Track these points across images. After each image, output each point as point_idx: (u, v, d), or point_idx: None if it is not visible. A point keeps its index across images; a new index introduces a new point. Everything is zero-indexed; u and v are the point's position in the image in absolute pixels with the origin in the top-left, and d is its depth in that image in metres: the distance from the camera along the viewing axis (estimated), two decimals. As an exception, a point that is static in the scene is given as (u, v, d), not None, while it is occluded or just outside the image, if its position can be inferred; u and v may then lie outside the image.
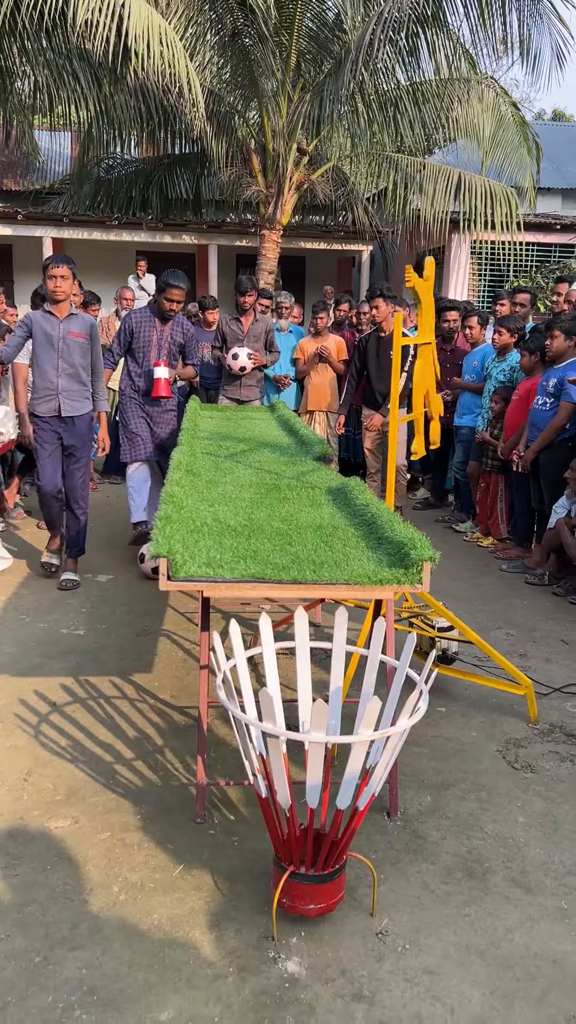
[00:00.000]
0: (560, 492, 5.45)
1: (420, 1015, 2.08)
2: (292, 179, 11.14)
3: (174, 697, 3.77)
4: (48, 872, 2.57)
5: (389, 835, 2.81)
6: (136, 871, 2.58)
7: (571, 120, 27.86)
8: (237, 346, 6.81)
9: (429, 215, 11.08)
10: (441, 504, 7.71)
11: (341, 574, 2.59)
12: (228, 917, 2.40)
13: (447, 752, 3.37)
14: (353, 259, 15.22)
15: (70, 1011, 2.06)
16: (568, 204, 14.49)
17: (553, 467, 5.48)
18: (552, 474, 5.52)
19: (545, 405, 5.57)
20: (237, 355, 6.73)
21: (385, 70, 10.32)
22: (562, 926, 2.41)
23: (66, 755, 3.24)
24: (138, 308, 6.10)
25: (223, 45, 10.73)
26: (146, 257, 12.44)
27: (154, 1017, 2.05)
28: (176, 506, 3.02)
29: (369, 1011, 2.09)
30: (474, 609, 5.00)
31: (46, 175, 14.61)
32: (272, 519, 3.20)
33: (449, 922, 2.41)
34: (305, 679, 2.63)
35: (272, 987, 2.16)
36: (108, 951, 2.26)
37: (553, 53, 9.71)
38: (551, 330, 5.55)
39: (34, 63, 9.96)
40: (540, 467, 5.62)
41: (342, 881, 2.39)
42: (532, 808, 2.99)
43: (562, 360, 5.51)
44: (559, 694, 3.91)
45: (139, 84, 10.41)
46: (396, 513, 3.12)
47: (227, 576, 2.53)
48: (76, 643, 4.34)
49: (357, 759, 2.17)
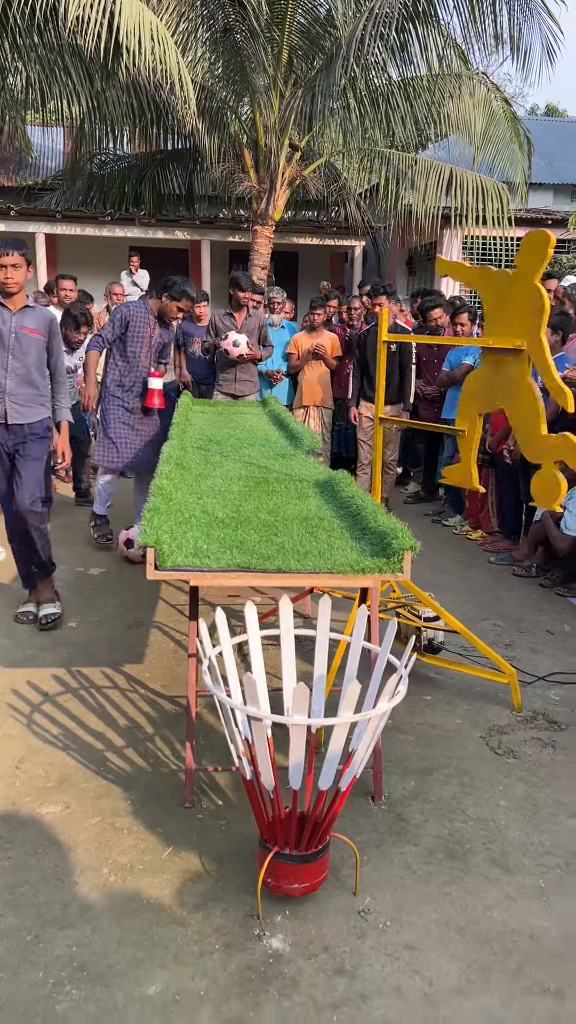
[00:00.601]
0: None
1: (399, 988, 2.15)
2: (284, 175, 11.19)
3: (164, 687, 3.83)
4: (39, 855, 2.63)
5: (373, 818, 2.88)
6: (125, 854, 2.65)
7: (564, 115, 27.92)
8: (235, 333, 6.88)
9: (421, 210, 11.14)
10: (431, 498, 7.78)
11: (325, 563, 2.65)
12: (215, 897, 2.47)
13: (432, 739, 3.44)
14: (346, 255, 15.27)
15: (60, 986, 2.13)
16: (560, 199, 14.57)
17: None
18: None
19: (533, 399, 5.63)
20: (238, 343, 6.80)
21: (376, 66, 10.37)
22: (539, 903, 2.48)
23: (58, 743, 3.30)
24: (133, 301, 6.04)
25: (215, 41, 10.77)
26: (139, 253, 12.47)
27: (142, 991, 2.12)
28: (165, 498, 3.08)
29: (350, 984, 2.16)
30: (462, 600, 5.07)
31: (39, 171, 14.63)
32: (259, 511, 3.26)
33: (430, 900, 2.48)
34: (290, 666, 2.69)
35: (257, 962, 2.22)
36: (98, 929, 2.32)
37: (543, 48, 9.80)
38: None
39: (26, 59, 9.99)
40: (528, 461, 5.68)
41: (326, 861, 2.46)
42: (513, 792, 3.06)
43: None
44: (543, 682, 3.99)
45: (131, 80, 10.45)
46: (383, 504, 3.19)
47: (213, 566, 2.59)
48: (68, 635, 4.40)
49: (338, 741, 2.24)
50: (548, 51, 9.79)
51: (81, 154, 12.76)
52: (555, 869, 2.63)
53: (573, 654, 4.35)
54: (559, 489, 3.02)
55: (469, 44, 10.52)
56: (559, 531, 5.22)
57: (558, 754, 3.34)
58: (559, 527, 5.24)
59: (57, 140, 14.87)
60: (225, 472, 3.97)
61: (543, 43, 9.80)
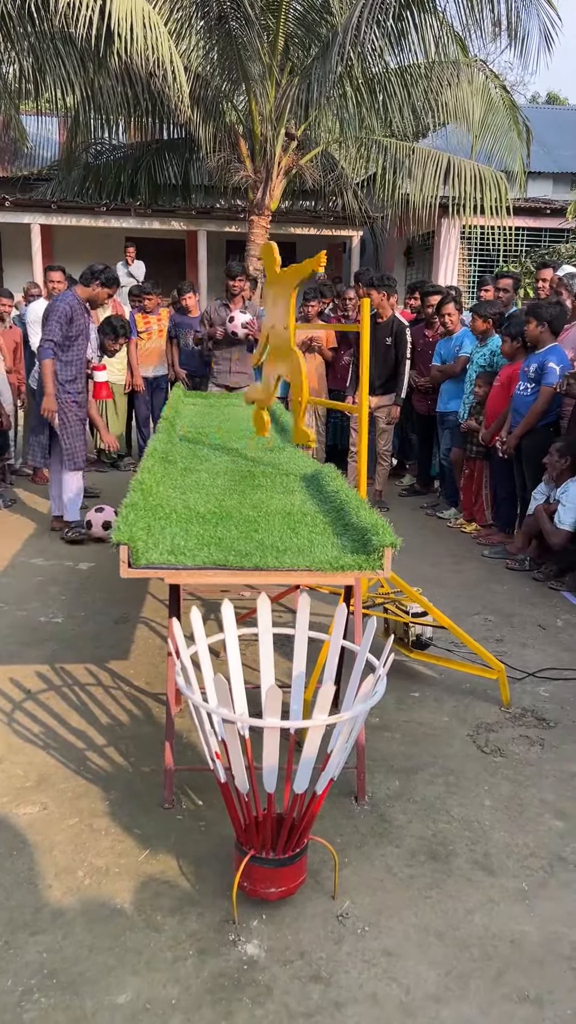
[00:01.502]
0: (541, 477, 5.46)
1: (376, 995, 2.11)
2: (280, 164, 11.08)
3: (149, 684, 3.78)
4: (14, 857, 2.58)
5: (355, 819, 2.83)
6: (102, 856, 2.60)
7: (565, 103, 27.70)
8: (239, 311, 6.86)
9: (418, 200, 11.03)
10: (427, 491, 7.71)
11: (304, 560, 2.59)
12: (191, 901, 2.42)
13: (418, 736, 3.39)
14: (344, 244, 15.16)
15: (29, 994, 2.08)
16: (559, 188, 14.43)
17: (535, 452, 5.49)
18: (534, 459, 5.52)
19: (526, 391, 5.57)
20: (234, 318, 6.79)
21: (373, 53, 10.24)
22: (522, 907, 2.43)
23: (38, 742, 3.26)
24: (65, 294, 5.82)
25: (209, 29, 10.64)
26: (135, 243, 12.38)
27: (112, 1000, 2.07)
28: (144, 493, 3.02)
29: (325, 992, 2.12)
30: (454, 594, 5.01)
31: (34, 161, 14.51)
32: (243, 506, 3.20)
33: (410, 904, 2.43)
34: (268, 665, 2.64)
35: (231, 969, 2.18)
36: (69, 935, 2.28)
37: (541, 35, 9.68)
38: (527, 317, 5.55)
39: (19, 48, 9.89)
40: (522, 452, 5.63)
41: (303, 865, 2.41)
42: (499, 792, 3.01)
43: (541, 346, 5.50)
44: (533, 679, 3.93)
45: (125, 69, 10.33)
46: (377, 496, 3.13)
47: (189, 563, 2.53)
48: (54, 631, 4.35)
49: (313, 743, 2.19)
50: (546, 38, 9.66)
51: (76, 144, 12.65)
52: (538, 871, 2.58)
53: (565, 649, 4.30)
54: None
55: (467, 31, 10.41)
56: (552, 525, 5.16)
57: (546, 752, 3.29)
58: (552, 520, 5.17)
59: (52, 130, 14.72)
60: (211, 466, 3.91)
61: (541, 30, 9.68)
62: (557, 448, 5.28)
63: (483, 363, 6.29)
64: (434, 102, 10.94)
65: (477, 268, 13.17)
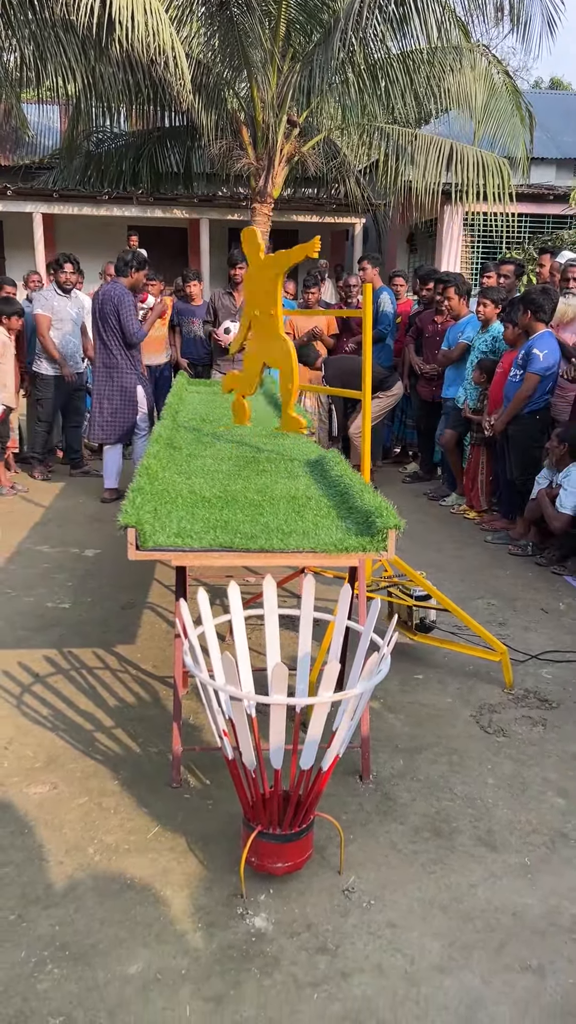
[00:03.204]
0: (528, 463, 5.50)
1: (381, 965, 2.15)
2: (282, 151, 11.05)
3: (156, 667, 3.83)
4: (25, 835, 2.63)
5: (360, 797, 2.87)
6: (111, 833, 2.65)
7: (568, 88, 27.53)
8: (229, 320, 6.83)
9: (421, 187, 10.99)
10: (430, 477, 7.74)
11: (308, 543, 2.63)
12: (199, 876, 2.47)
13: (422, 717, 3.43)
14: (346, 232, 15.11)
15: (42, 965, 2.14)
16: (563, 174, 14.36)
17: (521, 438, 5.54)
18: (520, 445, 5.57)
19: (516, 377, 5.60)
20: (229, 329, 6.76)
21: (375, 39, 10.20)
22: (524, 881, 2.48)
23: (47, 724, 3.30)
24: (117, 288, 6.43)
25: (211, 15, 10.60)
26: (137, 232, 12.35)
27: (123, 970, 2.12)
28: (150, 478, 3.06)
29: (332, 962, 2.16)
30: (457, 579, 5.05)
31: (35, 150, 14.49)
32: (247, 490, 3.23)
33: (414, 879, 2.48)
34: (274, 645, 2.68)
35: (239, 941, 2.23)
36: (81, 909, 2.33)
37: (544, 20, 9.64)
38: (519, 304, 5.58)
39: (20, 36, 9.86)
40: (509, 439, 5.66)
41: (310, 840, 2.46)
42: (502, 770, 3.05)
43: (532, 332, 5.52)
44: (536, 661, 3.97)
45: (127, 56, 10.27)
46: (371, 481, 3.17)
47: (195, 546, 2.57)
48: (61, 616, 4.40)
49: (318, 721, 2.23)
50: (548, 22, 9.62)
51: (78, 132, 12.61)
52: (540, 847, 2.63)
53: (567, 632, 4.34)
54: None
55: (469, 16, 10.35)
56: (555, 510, 5.18)
57: (548, 732, 3.33)
58: (555, 506, 5.20)
59: (54, 118, 14.69)
60: (216, 451, 3.94)
61: (543, 14, 9.63)
62: (557, 433, 5.31)
63: (484, 349, 6.30)
64: (436, 88, 10.88)
65: (480, 255, 13.13)
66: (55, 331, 7.24)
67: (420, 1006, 2.04)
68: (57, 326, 7.24)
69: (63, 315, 7.27)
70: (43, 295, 7.33)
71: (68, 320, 7.31)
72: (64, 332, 7.30)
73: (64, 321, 7.28)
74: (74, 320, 7.39)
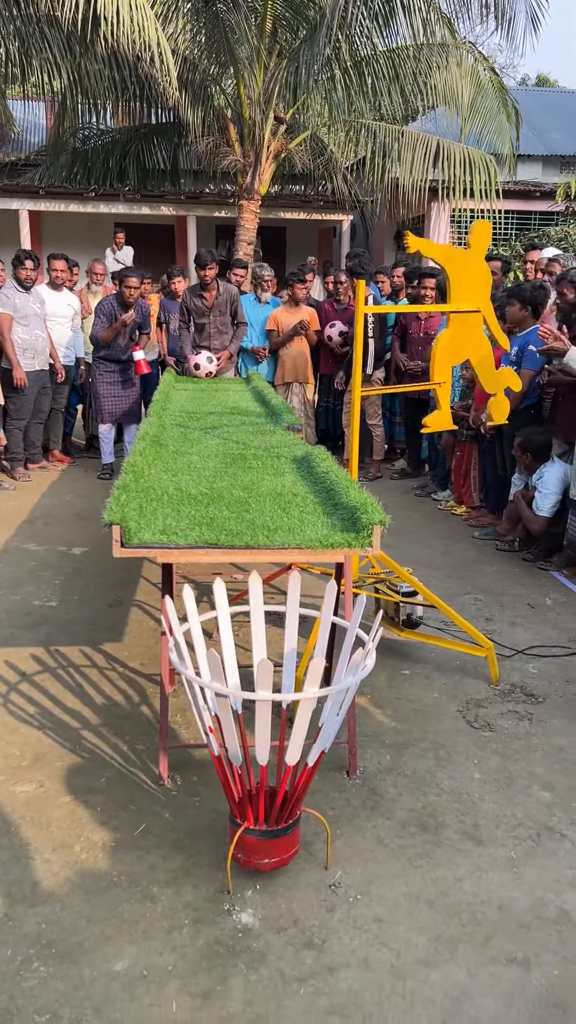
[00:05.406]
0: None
1: (367, 960, 2.16)
2: (269, 148, 11.05)
3: (143, 665, 3.83)
4: (11, 834, 2.63)
5: (347, 792, 2.88)
6: (98, 831, 2.65)
7: (555, 85, 27.60)
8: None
9: (408, 184, 11.02)
10: (417, 474, 7.75)
11: (294, 539, 2.63)
12: (186, 873, 2.47)
13: (408, 713, 3.44)
14: (334, 229, 15.14)
15: (28, 963, 2.13)
16: (548, 171, 14.42)
17: (514, 434, 5.54)
18: (513, 440, 5.57)
19: (509, 373, 5.61)
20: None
21: (361, 35, 10.21)
22: (509, 875, 2.49)
23: (33, 722, 3.29)
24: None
25: (196, 12, 10.59)
26: (124, 229, 12.32)
27: (109, 967, 2.12)
28: (136, 475, 3.06)
29: (319, 957, 2.17)
30: (444, 575, 5.06)
31: (21, 146, 14.43)
32: (233, 487, 3.23)
33: (401, 874, 2.49)
34: (259, 642, 2.68)
35: (226, 937, 2.23)
36: (67, 907, 2.32)
37: (528, 17, 9.66)
38: (510, 299, 5.58)
39: (4, 32, 9.80)
40: (503, 435, 5.67)
41: (296, 836, 2.46)
42: (488, 765, 3.07)
43: (522, 328, 5.53)
44: (522, 656, 3.99)
45: (112, 52, 10.25)
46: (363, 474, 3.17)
47: (180, 543, 2.57)
48: (48, 614, 4.39)
49: (304, 717, 2.23)
50: (532, 20, 9.65)
51: (64, 129, 12.57)
52: (526, 840, 2.64)
53: (553, 628, 4.36)
54: (506, 407, 4.23)
55: (455, 12, 10.36)
56: (532, 512, 5.21)
57: (534, 727, 3.35)
58: (531, 508, 5.22)
59: (39, 115, 14.62)
60: (203, 448, 3.94)
61: (527, 11, 9.66)
62: (518, 444, 5.34)
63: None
64: (423, 85, 10.91)
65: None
66: (22, 328, 7.14)
67: (406, 1000, 2.05)
68: (22, 323, 7.12)
69: (26, 311, 7.15)
70: (3, 293, 7.23)
71: (33, 315, 7.21)
72: (32, 328, 7.20)
73: (29, 317, 7.17)
74: (39, 315, 7.30)
